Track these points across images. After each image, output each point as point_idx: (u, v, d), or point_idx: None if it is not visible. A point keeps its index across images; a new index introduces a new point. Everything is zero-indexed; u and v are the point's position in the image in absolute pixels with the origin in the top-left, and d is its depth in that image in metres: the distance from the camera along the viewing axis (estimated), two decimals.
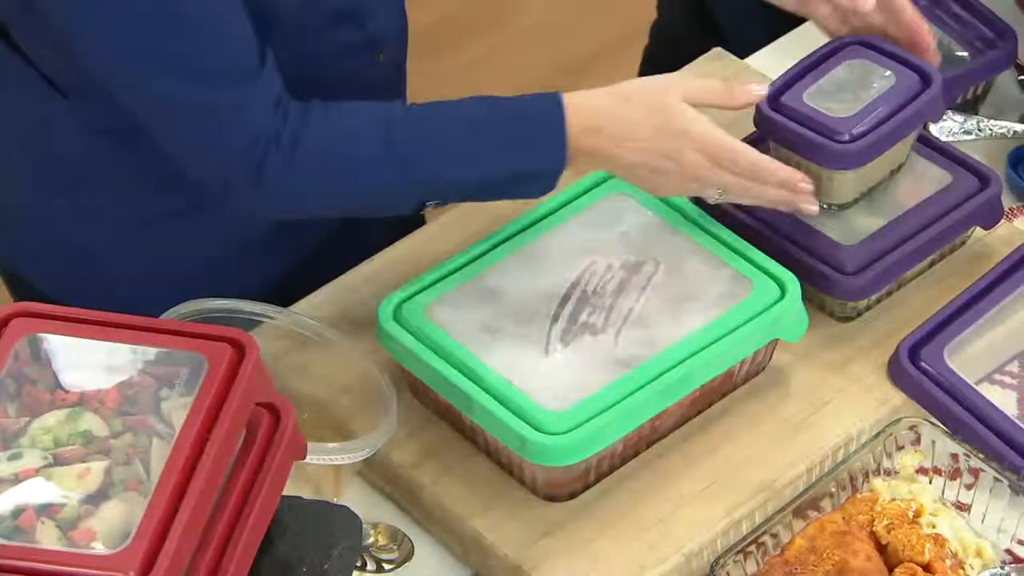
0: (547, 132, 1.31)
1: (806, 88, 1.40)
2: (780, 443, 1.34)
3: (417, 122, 1.32)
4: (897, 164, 1.43)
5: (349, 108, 1.32)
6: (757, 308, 1.34)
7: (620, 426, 1.28)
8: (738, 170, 1.34)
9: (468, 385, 1.29)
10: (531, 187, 1.35)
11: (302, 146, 1.28)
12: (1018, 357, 1.41)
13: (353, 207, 1.35)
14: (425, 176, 1.32)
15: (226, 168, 1.29)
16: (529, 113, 1.32)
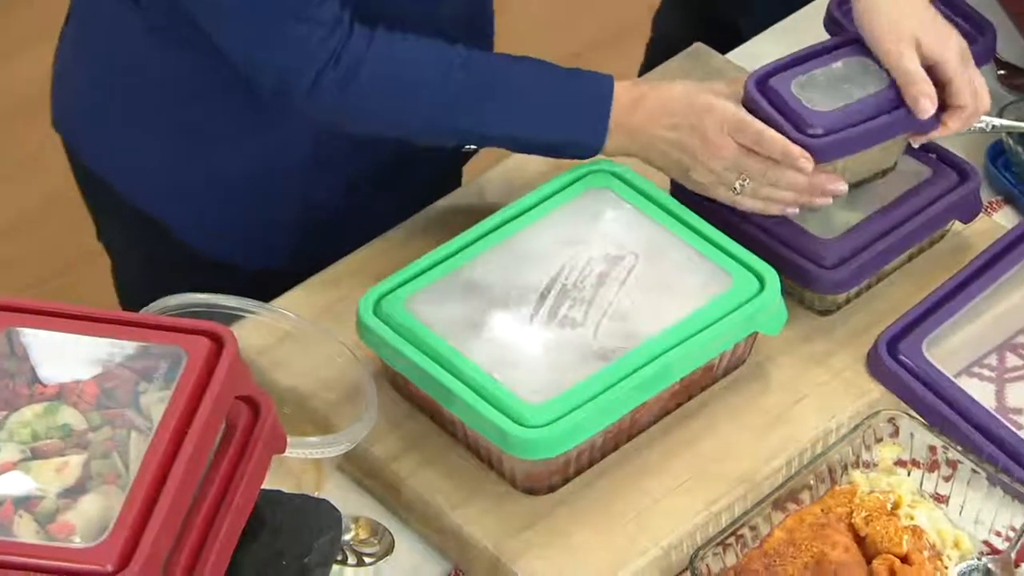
0: (593, 109, 1.37)
1: (797, 76, 1.39)
2: (760, 436, 1.34)
3: (474, 72, 1.37)
4: (882, 168, 1.42)
5: (413, 42, 1.37)
6: (736, 301, 1.33)
7: (600, 419, 1.28)
8: (760, 149, 1.34)
9: (448, 378, 1.28)
10: (568, 153, 1.41)
11: (360, 70, 1.34)
12: (997, 350, 1.40)
13: (400, 135, 1.41)
14: (470, 125, 1.38)
15: (282, 80, 1.34)
16: (580, 88, 1.38)
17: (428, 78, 1.36)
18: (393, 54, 1.36)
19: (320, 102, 1.35)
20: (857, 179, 1.41)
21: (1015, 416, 1.36)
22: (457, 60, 1.37)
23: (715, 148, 1.36)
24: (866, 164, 1.40)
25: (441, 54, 1.37)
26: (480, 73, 1.37)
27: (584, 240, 1.37)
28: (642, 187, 1.40)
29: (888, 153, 1.40)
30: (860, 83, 1.38)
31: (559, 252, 1.36)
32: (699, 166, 1.37)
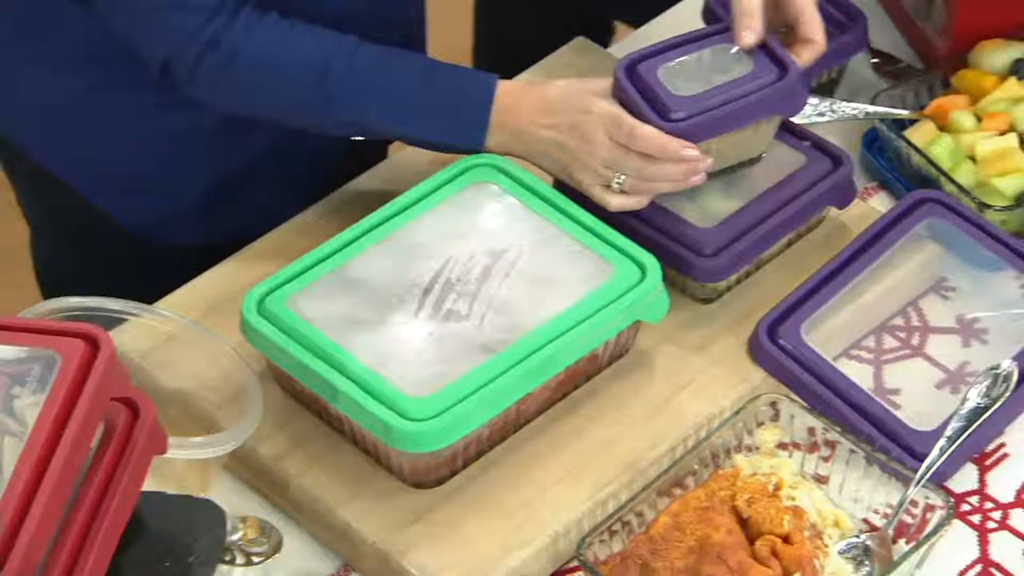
0: (473, 110, 1.37)
1: (666, 62, 1.39)
2: (645, 423, 1.34)
3: (356, 66, 1.36)
4: (752, 154, 1.42)
5: (300, 31, 1.36)
6: (618, 291, 1.33)
7: (485, 410, 1.27)
8: (636, 146, 1.34)
9: (332, 374, 1.26)
10: (451, 150, 1.41)
11: (238, 55, 1.34)
12: (874, 332, 1.41)
13: (281, 121, 1.40)
14: (350, 119, 1.38)
15: (165, 63, 1.36)
16: (461, 88, 1.37)
17: (307, 68, 1.36)
18: (275, 42, 1.35)
19: (200, 84, 1.36)
20: (727, 164, 1.40)
21: (892, 396, 1.36)
22: (342, 53, 1.36)
23: (592, 146, 1.35)
24: (736, 150, 1.40)
25: (326, 45, 1.36)
26: (362, 68, 1.37)
27: (468, 234, 1.36)
28: (525, 180, 1.40)
29: (758, 139, 1.41)
30: (725, 69, 1.38)
31: (443, 246, 1.35)
32: (578, 164, 1.37)
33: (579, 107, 1.36)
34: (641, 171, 1.35)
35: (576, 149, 1.36)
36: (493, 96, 1.37)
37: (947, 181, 1.48)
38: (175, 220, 1.52)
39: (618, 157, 1.35)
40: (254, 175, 1.51)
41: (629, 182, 1.36)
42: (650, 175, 1.36)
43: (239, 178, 1.51)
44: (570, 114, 1.36)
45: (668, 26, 1.64)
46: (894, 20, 1.69)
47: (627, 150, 1.35)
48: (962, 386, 1.35)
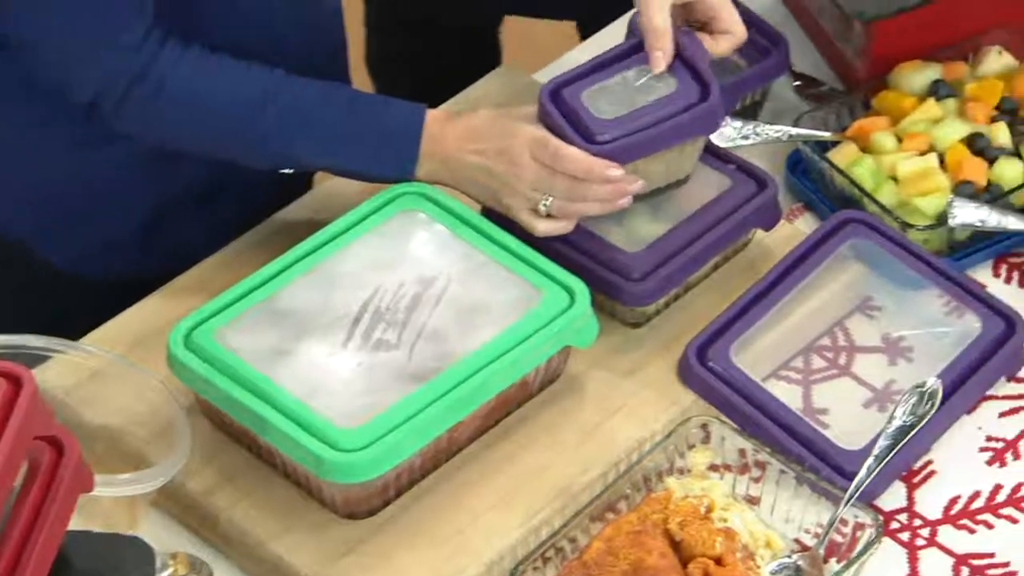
0: (401, 147, 1.37)
1: (590, 85, 1.38)
2: (577, 449, 1.33)
3: (283, 101, 1.36)
4: (676, 177, 1.42)
5: (227, 65, 1.36)
6: (547, 316, 1.33)
7: (415, 440, 1.26)
8: (561, 167, 1.34)
9: (261, 407, 1.25)
10: (381, 180, 1.41)
11: (164, 89, 1.34)
12: (802, 353, 1.41)
13: (210, 155, 1.40)
14: (279, 153, 1.38)
15: (91, 99, 1.35)
16: (389, 121, 1.38)
17: (235, 102, 1.35)
18: (202, 75, 1.35)
19: (128, 119, 1.36)
20: (655, 187, 1.40)
21: (821, 416, 1.37)
22: (268, 87, 1.36)
23: (519, 169, 1.35)
24: (662, 172, 1.40)
25: (254, 78, 1.36)
26: (291, 101, 1.36)
27: (397, 263, 1.36)
28: (453, 208, 1.39)
29: (684, 160, 1.41)
30: (648, 89, 1.38)
31: (372, 275, 1.34)
32: (506, 189, 1.37)
33: (505, 132, 1.36)
34: (568, 192, 1.35)
35: (504, 173, 1.36)
36: (422, 126, 1.37)
37: (870, 201, 1.49)
38: (105, 253, 1.50)
39: (545, 179, 1.35)
40: (185, 207, 1.49)
41: (556, 204, 1.36)
42: (577, 196, 1.35)
43: (170, 210, 1.49)
44: (496, 139, 1.36)
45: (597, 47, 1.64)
46: (815, 43, 1.70)
47: (553, 171, 1.35)
48: (889, 404, 1.35)
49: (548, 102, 1.37)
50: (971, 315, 1.41)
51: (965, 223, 1.45)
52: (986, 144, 1.52)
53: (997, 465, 1.35)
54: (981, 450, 1.36)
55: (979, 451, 1.36)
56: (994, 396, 1.40)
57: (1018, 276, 1.49)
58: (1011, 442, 1.37)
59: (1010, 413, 1.39)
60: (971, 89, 1.56)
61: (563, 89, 1.38)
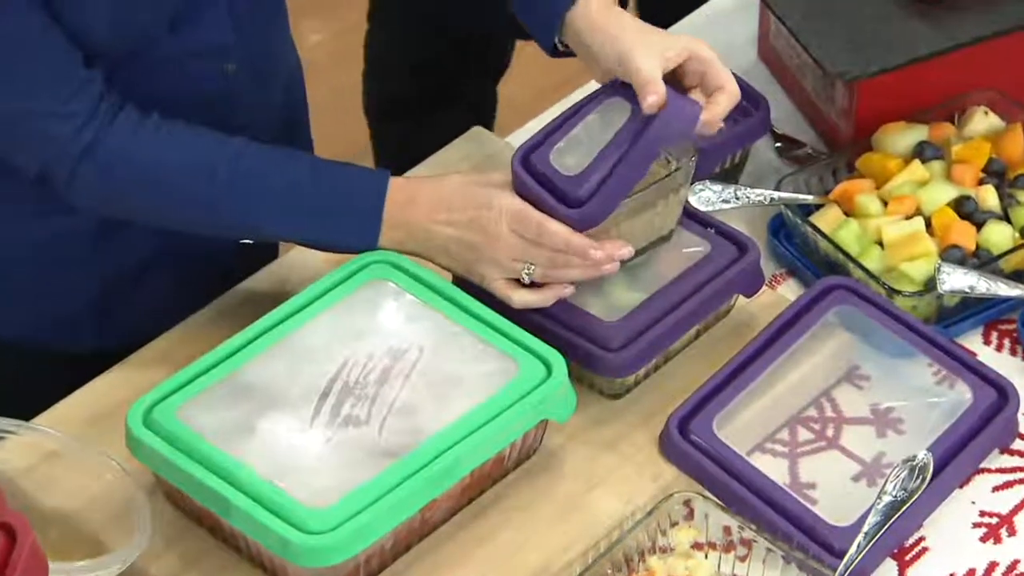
0: (364, 216, 1.36)
1: (555, 143, 1.37)
2: (555, 526, 1.32)
3: (241, 169, 1.35)
4: (659, 234, 1.41)
5: (182, 134, 1.35)
6: (523, 389, 1.32)
7: (387, 520, 1.25)
8: (546, 243, 1.33)
9: (225, 488, 1.24)
10: (343, 250, 1.39)
11: (116, 161, 1.33)
12: (788, 424, 1.40)
13: (168, 226, 1.39)
14: (237, 223, 1.37)
15: (41, 171, 1.34)
16: (351, 188, 1.36)
17: (192, 173, 1.34)
18: (157, 146, 1.34)
19: (79, 192, 1.34)
20: (639, 247, 1.39)
21: (808, 491, 1.35)
22: (226, 155, 1.35)
23: (497, 241, 1.34)
24: (645, 230, 1.39)
25: (211, 149, 1.35)
26: (249, 171, 1.35)
27: (366, 335, 1.35)
28: (423, 277, 1.38)
29: (666, 215, 1.39)
30: (609, 124, 1.36)
31: (340, 348, 1.33)
32: (483, 261, 1.36)
33: (478, 202, 1.35)
34: (551, 262, 1.35)
35: (479, 244, 1.35)
36: (385, 194, 1.36)
37: (855, 267, 1.48)
38: (58, 327, 1.48)
39: (525, 250, 1.35)
40: (144, 277, 1.48)
41: (539, 272, 1.35)
42: (561, 264, 1.35)
43: (128, 281, 1.48)
44: (469, 209, 1.35)
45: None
46: (797, 104, 1.70)
47: (536, 244, 1.34)
48: (879, 478, 1.34)
49: (521, 171, 1.36)
50: (962, 385, 1.40)
51: (954, 289, 1.44)
52: (974, 207, 1.52)
53: (992, 541, 1.34)
54: (975, 526, 1.35)
55: (973, 527, 1.35)
56: (987, 469, 1.39)
57: (1009, 343, 1.49)
58: (1006, 517, 1.36)
59: (1004, 487, 1.38)
60: (958, 151, 1.56)
61: (532, 154, 1.37)
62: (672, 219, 1.41)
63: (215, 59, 1.40)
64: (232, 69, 1.41)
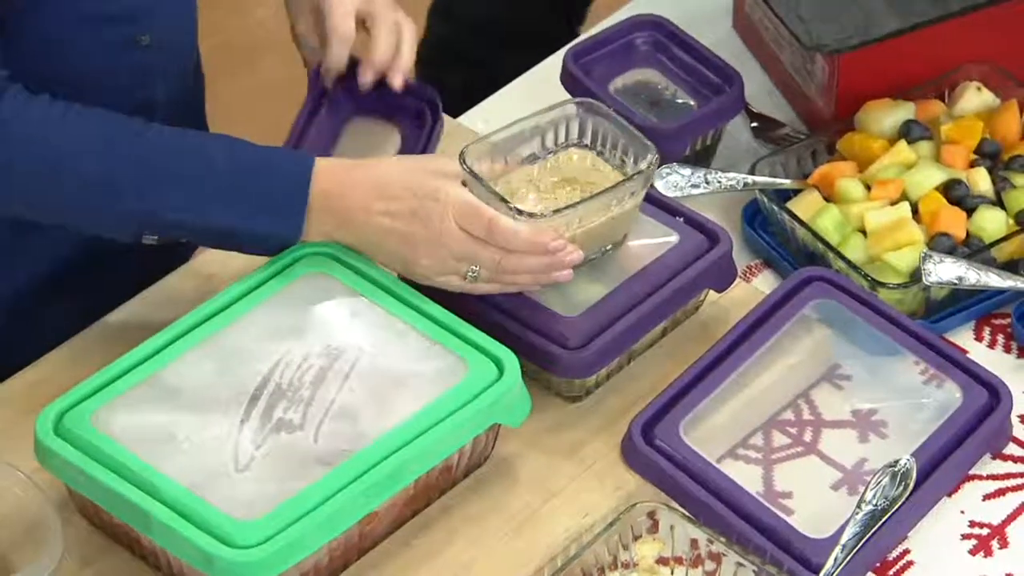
0: (283, 201, 1.33)
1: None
2: (508, 540, 1.33)
3: (148, 146, 1.32)
4: (613, 240, 1.41)
5: (79, 112, 1.31)
6: (473, 391, 1.32)
7: (322, 534, 1.25)
8: (497, 241, 1.32)
9: (144, 500, 1.24)
10: (261, 247, 1.36)
11: (9, 142, 1.29)
12: (761, 429, 1.41)
13: (64, 220, 1.35)
14: (139, 208, 1.32)
15: None
16: (271, 171, 1.33)
17: (86, 147, 1.31)
18: (47, 123, 1.31)
19: None
20: (592, 254, 1.40)
21: (784, 500, 1.35)
22: (128, 131, 1.32)
23: (442, 237, 1.33)
24: (597, 237, 1.39)
25: (108, 123, 1.32)
26: (152, 147, 1.32)
27: (300, 333, 1.35)
28: (364, 270, 1.38)
29: (622, 219, 1.40)
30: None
31: (271, 348, 1.33)
32: (423, 257, 1.34)
33: (423, 191, 1.33)
34: (500, 265, 1.33)
35: (421, 239, 1.33)
36: (310, 177, 1.34)
37: (836, 257, 1.48)
38: None
39: (475, 250, 1.33)
40: (52, 289, 1.47)
41: (485, 275, 1.34)
42: (510, 268, 1.34)
43: (35, 293, 1.47)
44: (411, 199, 1.33)
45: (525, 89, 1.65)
46: (774, 80, 1.70)
47: (484, 243, 1.33)
48: (860, 486, 1.35)
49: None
50: (951, 384, 1.40)
51: (942, 281, 1.45)
52: (965, 192, 1.52)
53: (982, 554, 1.34)
54: (964, 537, 1.35)
55: (961, 538, 1.35)
56: (978, 476, 1.39)
57: (1003, 340, 1.49)
58: (997, 528, 1.36)
59: (996, 495, 1.38)
60: (947, 130, 1.56)
61: None
62: (627, 224, 1.41)
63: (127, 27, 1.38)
64: (146, 40, 1.39)
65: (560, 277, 1.36)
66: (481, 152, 1.38)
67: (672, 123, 1.56)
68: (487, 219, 1.32)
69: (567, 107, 1.42)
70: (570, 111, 1.42)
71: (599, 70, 1.60)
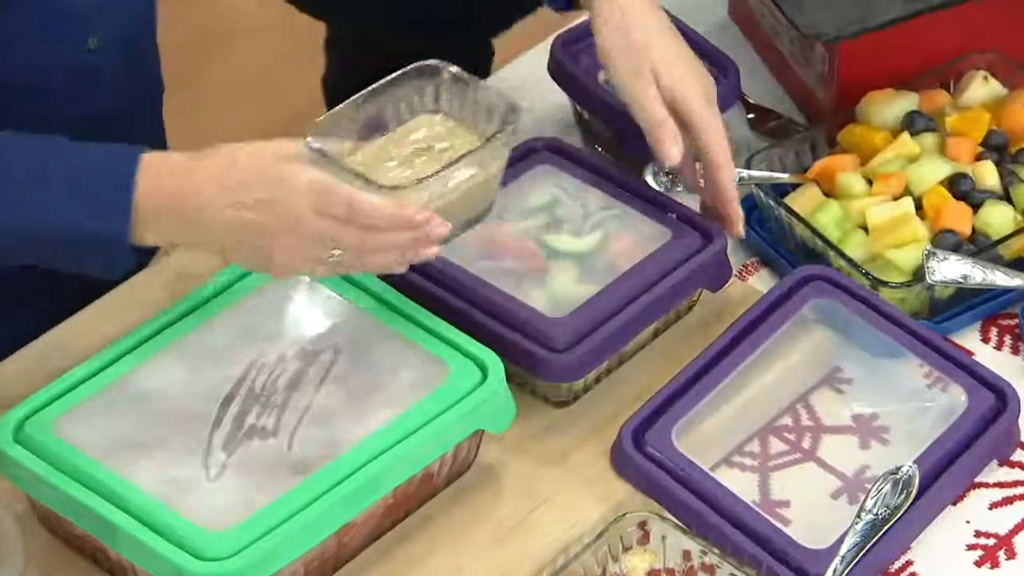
0: (108, 196, 1.27)
1: None
2: (492, 552, 1.33)
3: None
4: (477, 211, 1.38)
5: None
6: (455, 395, 1.32)
7: (296, 545, 1.25)
8: (358, 219, 1.28)
9: (109, 510, 1.24)
10: (94, 259, 1.30)
11: None
12: (758, 435, 1.41)
13: None
14: None
15: None
16: (95, 171, 1.28)
17: None
18: None
19: None
20: (459, 228, 1.36)
21: (781, 509, 1.36)
22: None
23: (299, 224, 1.27)
24: (462, 207, 1.35)
25: None
26: None
27: (274, 334, 1.35)
28: None
29: (484, 191, 1.36)
30: None
31: (244, 351, 1.34)
32: (280, 248, 1.29)
33: (271, 178, 1.28)
34: (361, 245, 1.29)
35: (275, 229, 1.28)
36: (135, 169, 1.28)
37: (836, 255, 1.48)
38: None
39: (332, 232, 1.28)
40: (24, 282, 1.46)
41: (348, 258, 1.30)
42: (372, 247, 1.29)
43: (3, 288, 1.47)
44: (260, 188, 1.28)
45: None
46: (771, 69, 1.70)
47: (344, 223, 1.28)
48: (861, 494, 1.34)
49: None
50: (956, 388, 1.41)
51: (946, 279, 1.45)
52: (970, 186, 1.52)
53: (988, 566, 1.34)
54: (969, 548, 1.35)
55: (967, 549, 1.35)
56: (984, 483, 1.39)
57: (1011, 341, 1.49)
58: (1004, 538, 1.36)
59: (1003, 503, 1.38)
60: (953, 122, 1.56)
61: None
62: (493, 191, 1.38)
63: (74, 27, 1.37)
64: (95, 44, 1.38)
65: (427, 253, 1.31)
66: (327, 129, 1.34)
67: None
68: (345, 198, 1.28)
69: (410, 71, 1.38)
70: (416, 74, 1.38)
71: (589, 59, 1.59)
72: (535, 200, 1.48)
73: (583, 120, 1.61)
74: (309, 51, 2.28)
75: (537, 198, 1.48)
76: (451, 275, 1.41)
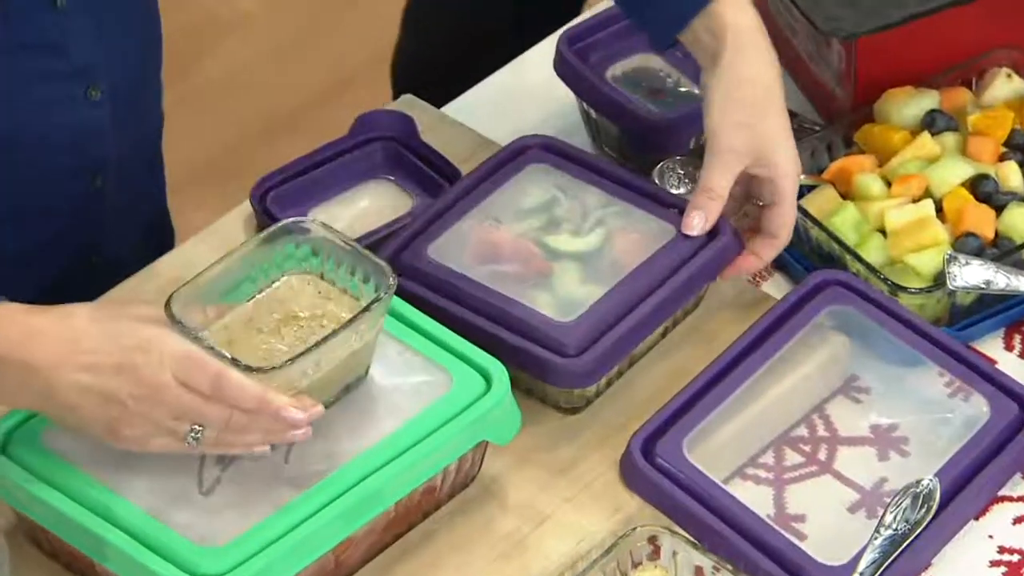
0: None
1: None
2: (497, 568, 1.33)
3: None
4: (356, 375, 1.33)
5: None
6: (458, 406, 1.32)
7: (293, 561, 1.25)
8: (221, 396, 1.23)
9: (99, 525, 1.24)
10: None
11: None
12: (772, 446, 1.41)
13: None
14: None
15: None
16: None
17: None
18: None
19: None
20: (329, 399, 1.31)
21: (796, 524, 1.35)
22: None
23: (156, 394, 1.23)
24: (338, 377, 1.31)
25: None
26: None
27: None
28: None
29: (361, 356, 1.32)
30: None
31: None
32: (133, 418, 1.24)
33: (129, 342, 1.23)
34: (226, 423, 1.25)
35: (130, 397, 1.23)
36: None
37: (853, 259, 1.48)
38: None
39: (198, 408, 1.24)
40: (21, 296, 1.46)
41: (210, 435, 1.25)
42: (240, 427, 1.25)
43: None
44: (115, 352, 1.23)
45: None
46: (787, 67, 1.69)
47: (210, 399, 1.24)
48: (879, 508, 1.34)
49: None
50: (978, 398, 1.40)
51: (968, 285, 1.44)
52: (993, 188, 1.52)
53: None
54: (992, 564, 1.35)
55: (990, 565, 1.35)
56: (1008, 497, 1.39)
57: None
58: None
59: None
60: (975, 121, 1.56)
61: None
62: (369, 355, 1.34)
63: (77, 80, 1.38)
64: (97, 95, 1.39)
65: (296, 437, 1.27)
66: (189, 298, 1.28)
67: (673, 113, 1.56)
68: (213, 372, 1.23)
69: (278, 229, 1.33)
70: (280, 234, 1.33)
71: (596, 55, 1.60)
72: (530, 201, 1.47)
73: (590, 119, 1.61)
74: (305, 44, 2.29)
75: (532, 199, 1.47)
76: (453, 282, 1.40)
